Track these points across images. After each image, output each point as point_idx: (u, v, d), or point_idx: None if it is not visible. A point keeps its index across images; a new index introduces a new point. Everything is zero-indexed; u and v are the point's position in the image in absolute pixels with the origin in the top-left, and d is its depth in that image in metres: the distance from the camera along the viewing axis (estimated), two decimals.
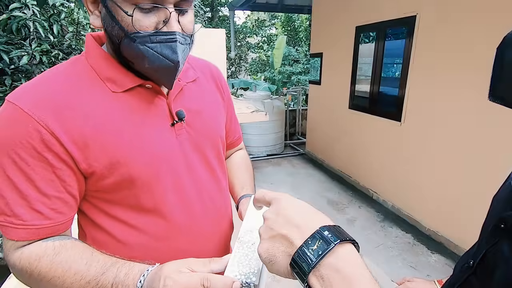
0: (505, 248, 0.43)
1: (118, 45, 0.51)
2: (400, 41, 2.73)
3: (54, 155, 0.48)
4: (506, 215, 0.45)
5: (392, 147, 2.93)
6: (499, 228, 0.46)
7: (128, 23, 0.48)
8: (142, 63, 0.50)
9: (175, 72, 0.53)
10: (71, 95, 0.50)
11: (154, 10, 0.48)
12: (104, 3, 0.48)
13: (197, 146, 0.64)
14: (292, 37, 10.67)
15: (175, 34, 0.49)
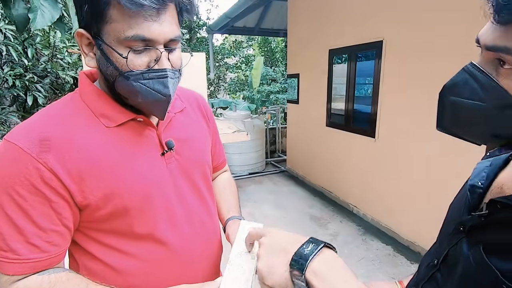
0: (464, 247, 0.50)
1: (113, 82, 0.54)
2: (370, 62, 2.93)
3: (51, 190, 0.50)
4: (465, 219, 0.51)
5: (368, 162, 3.07)
6: (459, 231, 0.52)
7: (122, 64, 0.51)
8: (136, 98, 0.54)
9: (167, 104, 0.57)
10: (67, 132, 0.53)
11: (146, 50, 0.52)
12: (99, 47, 0.52)
13: (186, 173, 0.67)
14: (269, 58, 11.05)
15: (166, 71, 0.53)
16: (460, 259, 0.50)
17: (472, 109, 0.41)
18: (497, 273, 0.42)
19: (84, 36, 0.53)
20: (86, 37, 0.53)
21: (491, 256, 0.44)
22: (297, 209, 3.51)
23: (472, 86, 0.41)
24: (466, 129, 0.46)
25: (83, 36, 0.54)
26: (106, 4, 0.48)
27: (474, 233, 0.49)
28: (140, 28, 0.49)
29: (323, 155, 3.85)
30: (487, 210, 0.47)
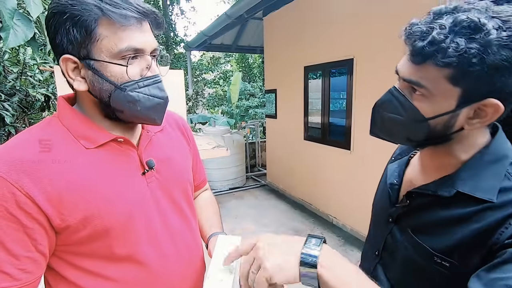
0: (397, 234, 0.63)
1: (109, 98, 0.55)
2: (343, 77, 3.09)
3: (27, 215, 0.49)
4: (392, 211, 0.65)
5: (345, 174, 3.17)
6: (388, 221, 0.66)
7: (118, 77, 0.54)
8: (135, 107, 0.56)
9: (166, 107, 0.60)
10: (46, 155, 0.53)
11: (137, 60, 0.55)
12: (91, 67, 0.53)
13: (167, 192, 0.68)
14: (247, 73, 11.25)
15: (158, 75, 0.58)
16: (396, 245, 0.63)
17: (394, 120, 0.55)
18: (427, 248, 0.55)
19: (69, 60, 0.54)
20: (72, 61, 0.54)
21: (419, 235, 0.58)
22: (279, 223, 3.52)
23: (395, 104, 0.55)
24: (389, 134, 0.60)
25: (68, 61, 0.54)
26: (95, 22, 0.51)
27: (401, 221, 0.63)
28: (131, 40, 0.53)
29: (302, 168, 3.93)
30: (407, 200, 0.61)
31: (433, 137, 0.53)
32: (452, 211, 0.52)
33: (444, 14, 0.47)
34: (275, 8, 4.01)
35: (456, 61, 0.43)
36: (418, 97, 0.51)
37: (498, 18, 0.43)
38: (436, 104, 0.49)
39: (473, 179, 0.52)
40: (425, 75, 0.48)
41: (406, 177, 0.67)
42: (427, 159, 0.62)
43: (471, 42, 0.43)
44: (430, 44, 0.45)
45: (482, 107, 0.48)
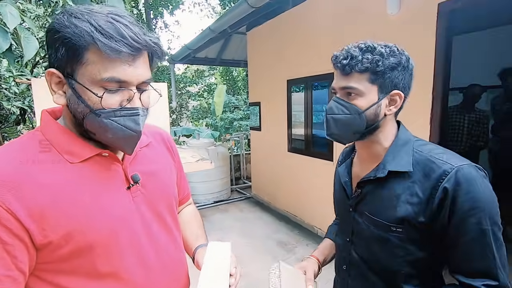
0: (358, 219, 0.81)
1: (82, 119, 0.55)
2: (325, 90, 3.18)
3: (7, 232, 0.48)
4: (350, 203, 0.83)
5: (329, 185, 3.20)
6: (349, 211, 0.84)
7: (95, 102, 0.53)
8: (106, 134, 0.55)
9: (137, 140, 0.59)
10: (28, 169, 0.52)
11: (120, 91, 0.55)
12: (72, 86, 0.54)
13: (152, 206, 0.68)
14: (231, 86, 11.35)
15: (138, 109, 0.57)
16: (360, 227, 0.80)
17: (341, 119, 0.74)
18: (383, 222, 0.73)
19: (54, 75, 0.55)
20: (57, 76, 0.55)
21: (374, 215, 0.76)
22: (264, 235, 3.49)
23: (339, 107, 0.74)
24: (340, 132, 0.76)
25: (53, 75, 0.55)
26: (85, 49, 0.51)
27: (358, 208, 0.81)
28: (116, 71, 0.53)
29: (286, 179, 3.95)
30: (359, 190, 0.80)
31: (369, 125, 0.73)
32: (390, 188, 0.73)
33: (350, 47, 0.72)
34: (258, 23, 4.12)
35: (370, 66, 0.69)
36: (353, 97, 0.72)
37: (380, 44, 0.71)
38: (366, 99, 0.71)
39: (394, 159, 0.73)
40: (354, 80, 0.71)
41: (353, 174, 0.87)
42: (363, 152, 0.83)
43: (374, 55, 0.69)
44: (351, 59, 0.69)
45: (392, 97, 0.73)
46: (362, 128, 0.73)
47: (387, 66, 0.69)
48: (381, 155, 0.77)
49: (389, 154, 0.75)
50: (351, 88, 0.71)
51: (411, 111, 2.25)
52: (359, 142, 0.81)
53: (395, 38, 2.34)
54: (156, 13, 11.61)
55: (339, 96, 0.75)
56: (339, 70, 0.73)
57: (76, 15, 0.52)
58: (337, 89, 0.75)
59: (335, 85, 0.76)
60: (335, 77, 0.76)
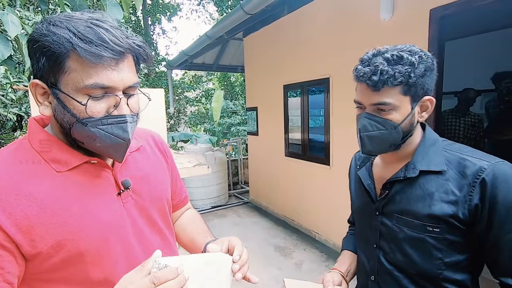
0: (387, 222, 0.78)
1: (69, 129, 0.55)
2: (321, 95, 3.21)
3: None
4: (376, 206, 0.81)
5: (326, 189, 3.23)
6: (375, 215, 0.81)
7: (80, 111, 0.52)
8: (94, 142, 0.55)
9: (126, 147, 0.58)
10: (15, 180, 0.52)
11: (105, 97, 0.54)
12: (56, 95, 0.53)
13: (143, 211, 0.67)
14: (229, 91, 11.39)
15: (125, 116, 0.55)
16: (391, 231, 0.77)
17: (377, 136, 0.73)
18: (417, 222, 0.71)
19: (39, 86, 0.54)
20: (41, 86, 0.54)
21: (405, 215, 0.74)
22: (262, 240, 3.48)
23: (373, 124, 0.73)
24: (377, 147, 0.75)
25: (37, 86, 0.54)
26: (65, 57, 0.50)
27: (386, 210, 0.79)
28: (99, 77, 0.51)
29: (284, 184, 3.96)
30: (386, 191, 0.78)
31: (405, 135, 0.73)
32: (423, 187, 0.72)
33: (372, 58, 0.71)
34: (255, 29, 4.16)
35: (403, 80, 0.67)
36: (387, 113, 0.70)
37: (404, 51, 0.69)
38: (400, 111, 0.70)
39: (424, 159, 0.73)
40: (386, 95, 0.69)
41: (376, 176, 0.85)
42: (390, 156, 0.81)
43: (404, 66, 0.67)
44: (382, 75, 0.67)
45: (423, 103, 0.73)
46: (399, 140, 0.72)
47: (418, 75, 0.67)
48: (408, 156, 0.76)
49: (418, 154, 0.74)
50: (384, 104, 0.69)
51: None
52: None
53: (389, 43, 2.38)
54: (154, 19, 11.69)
55: (369, 112, 0.73)
56: (367, 86, 0.70)
57: (55, 23, 0.51)
58: (367, 105, 0.73)
59: (363, 101, 0.74)
60: (361, 91, 0.74)
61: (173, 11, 12.22)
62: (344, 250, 1.01)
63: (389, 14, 2.27)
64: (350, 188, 0.97)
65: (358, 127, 0.76)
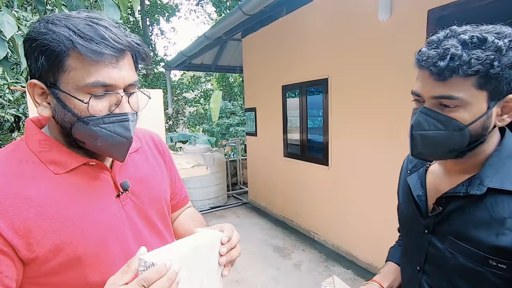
0: (437, 244, 0.64)
1: (70, 128, 0.54)
2: (319, 96, 3.21)
3: None
4: (426, 222, 0.67)
5: (324, 190, 3.23)
6: (424, 233, 0.68)
7: (81, 109, 0.52)
8: (95, 142, 0.54)
9: (128, 146, 0.57)
10: (11, 182, 0.51)
11: (107, 95, 0.53)
12: (56, 95, 0.52)
13: (142, 213, 0.67)
14: (228, 92, 11.39)
15: (127, 114, 0.55)
16: (441, 254, 0.63)
17: (434, 137, 0.58)
18: (478, 252, 0.56)
19: (37, 86, 0.53)
20: (40, 87, 0.53)
21: (463, 241, 0.59)
22: (261, 241, 3.48)
23: (431, 122, 0.58)
24: (432, 150, 0.61)
25: (36, 86, 0.53)
26: (65, 55, 0.50)
27: (438, 230, 0.64)
28: (100, 75, 0.51)
29: (283, 185, 3.96)
30: (439, 207, 0.63)
31: (474, 141, 0.57)
32: (490, 210, 0.56)
33: (444, 39, 0.55)
34: (253, 30, 4.16)
35: (481, 69, 0.51)
36: (451, 110, 0.56)
37: (491, 32, 0.53)
38: (471, 110, 0.55)
39: (497, 174, 0.57)
40: (454, 87, 0.54)
41: (429, 186, 0.70)
42: (451, 165, 0.66)
43: (486, 51, 0.51)
44: (452, 60, 0.52)
45: (506, 103, 0.56)
46: (463, 145, 0.57)
47: (505, 65, 0.51)
48: (475, 167, 0.61)
49: (490, 167, 0.59)
50: (450, 97, 0.54)
51: (405, 115, 2.28)
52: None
53: (386, 44, 2.40)
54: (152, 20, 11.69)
55: (428, 106, 0.58)
56: (430, 73, 0.55)
57: (53, 22, 0.50)
58: (426, 97, 0.58)
59: (422, 92, 0.59)
60: (421, 79, 0.59)
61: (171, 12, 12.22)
62: (389, 262, 0.89)
63: (387, 15, 2.28)
64: (398, 192, 0.83)
65: (411, 123, 0.61)
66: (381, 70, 2.43)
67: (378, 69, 2.46)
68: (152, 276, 0.44)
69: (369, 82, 2.56)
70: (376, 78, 2.49)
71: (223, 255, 0.58)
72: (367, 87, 2.59)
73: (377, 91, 2.49)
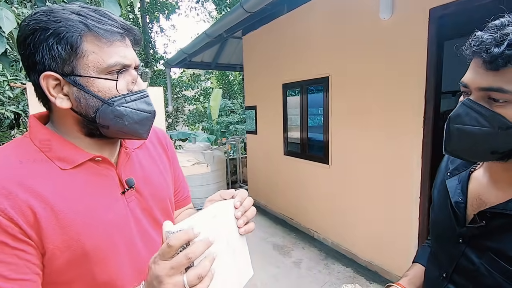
0: (473, 257, 0.58)
1: (94, 114, 0.55)
2: (320, 94, 3.21)
3: (13, 238, 0.47)
4: (462, 232, 0.61)
5: (324, 188, 3.23)
6: (458, 242, 0.62)
7: (106, 91, 0.54)
8: (121, 122, 0.56)
9: (152, 120, 0.61)
10: (20, 178, 0.50)
11: (123, 75, 0.56)
12: (76, 83, 0.52)
13: (146, 211, 0.67)
14: (227, 90, 11.37)
15: (145, 90, 0.59)
16: (476, 269, 0.58)
17: (474, 133, 0.52)
18: None
19: (51, 77, 0.52)
20: (54, 78, 0.52)
21: (505, 260, 0.53)
22: (260, 238, 3.49)
23: (473, 116, 0.52)
24: (468, 149, 0.55)
25: (50, 78, 0.52)
26: (80, 38, 0.51)
27: (477, 243, 0.58)
28: (118, 55, 0.54)
29: (283, 183, 3.96)
30: (483, 221, 0.57)
31: None
32: None
33: (508, 24, 0.49)
34: (254, 28, 4.15)
35: None
36: (499, 105, 0.50)
37: None
38: None
39: None
40: (507, 79, 0.47)
41: (471, 194, 0.63)
42: (500, 173, 0.58)
43: None
44: (509, 47, 0.45)
45: None
46: (508, 147, 0.51)
47: None
48: None
49: None
50: (500, 90, 0.48)
51: (405, 114, 2.29)
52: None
53: (388, 42, 2.39)
54: (152, 17, 11.64)
55: (474, 98, 0.52)
56: (482, 61, 0.49)
57: (57, 11, 0.51)
58: (473, 88, 0.52)
59: (470, 82, 0.53)
60: (472, 68, 0.53)
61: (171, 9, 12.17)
62: (416, 263, 0.83)
63: (388, 14, 2.27)
64: (432, 192, 0.77)
65: (450, 114, 0.55)
66: (383, 69, 2.43)
67: (379, 68, 2.46)
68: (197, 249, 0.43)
69: (370, 81, 2.56)
70: (377, 77, 2.49)
71: (238, 218, 0.59)
72: (368, 86, 2.59)
73: (378, 89, 2.49)
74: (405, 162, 2.31)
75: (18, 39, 0.53)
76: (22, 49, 0.53)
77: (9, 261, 0.47)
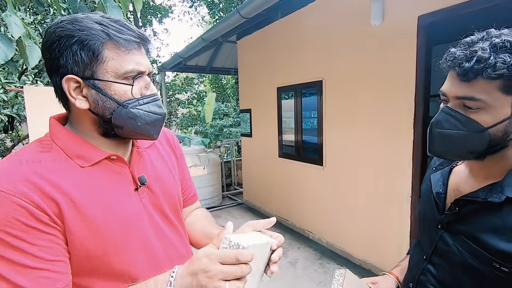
0: (448, 240, 0.68)
1: (110, 116, 0.60)
2: (314, 97, 3.29)
3: (45, 225, 0.52)
4: (441, 218, 0.70)
5: (319, 189, 3.30)
6: (437, 228, 0.71)
7: (121, 94, 0.59)
8: (134, 123, 0.61)
9: (163, 122, 0.66)
10: (43, 173, 0.55)
11: (138, 80, 0.61)
12: (95, 86, 0.58)
13: (157, 206, 0.72)
14: (220, 93, 11.40)
15: (157, 94, 0.65)
16: (449, 250, 0.67)
17: (453, 136, 0.60)
18: (485, 254, 0.59)
19: (72, 80, 0.57)
20: (75, 80, 0.57)
21: (473, 241, 0.62)
22: None
23: (451, 121, 0.60)
24: (449, 150, 0.63)
25: (71, 81, 0.57)
26: (101, 46, 0.56)
27: (452, 227, 0.68)
28: (135, 62, 0.59)
29: (278, 185, 4.01)
30: (456, 208, 0.66)
31: (493, 145, 0.58)
32: (505, 218, 0.57)
33: (476, 42, 0.56)
34: (249, 32, 4.23)
35: (507, 72, 0.52)
36: (473, 112, 0.57)
37: None
38: (493, 113, 0.56)
39: None
40: (478, 89, 0.55)
41: (450, 186, 0.72)
42: (477, 169, 0.67)
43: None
44: (477, 63, 0.53)
45: None
46: (482, 148, 0.58)
47: None
48: (500, 174, 0.61)
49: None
50: (472, 99, 0.56)
51: (396, 116, 2.38)
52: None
53: (379, 47, 2.49)
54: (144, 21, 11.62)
55: (452, 106, 0.60)
56: (456, 74, 0.57)
57: (82, 21, 0.56)
58: (451, 97, 0.60)
59: (447, 91, 0.61)
60: (448, 80, 0.61)
61: (164, 13, 12.18)
62: (408, 255, 0.91)
63: (379, 20, 2.37)
64: (422, 186, 0.86)
65: (432, 120, 0.63)
66: (374, 73, 2.52)
67: (371, 72, 2.56)
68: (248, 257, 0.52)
69: (362, 85, 2.65)
70: (369, 81, 2.58)
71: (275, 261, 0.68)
72: (360, 90, 2.68)
73: (370, 93, 2.58)
74: (396, 163, 2.40)
75: (44, 44, 0.58)
76: (47, 53, 0.57)
77: (45, 245, 0.52)
